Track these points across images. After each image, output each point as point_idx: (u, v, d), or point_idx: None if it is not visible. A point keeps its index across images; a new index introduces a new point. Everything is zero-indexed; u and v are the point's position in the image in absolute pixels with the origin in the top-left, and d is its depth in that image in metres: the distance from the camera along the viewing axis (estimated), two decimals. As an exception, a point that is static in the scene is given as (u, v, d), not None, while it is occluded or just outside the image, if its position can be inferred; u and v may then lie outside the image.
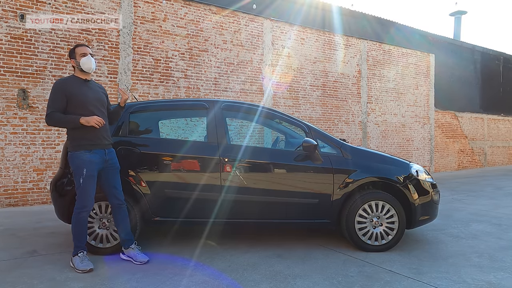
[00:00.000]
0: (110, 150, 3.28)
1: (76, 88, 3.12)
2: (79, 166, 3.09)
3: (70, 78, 3.22)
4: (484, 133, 15.63)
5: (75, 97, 3.09)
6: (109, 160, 3.24)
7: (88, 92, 3.17)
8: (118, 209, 3.30)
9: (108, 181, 3.25)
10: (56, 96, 3.08)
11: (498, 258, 3.49)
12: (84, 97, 3.12)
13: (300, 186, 3.72)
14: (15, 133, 6.23)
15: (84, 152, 3.10)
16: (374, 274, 3.08)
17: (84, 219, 3.16)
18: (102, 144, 3.19)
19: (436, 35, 13.71)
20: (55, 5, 6.55)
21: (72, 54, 3.18)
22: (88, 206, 3.14)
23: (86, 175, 3.08)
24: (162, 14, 7.71)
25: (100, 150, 3.18)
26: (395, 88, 12.22)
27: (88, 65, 3.13)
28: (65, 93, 3.08)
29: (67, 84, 3.12)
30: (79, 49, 3.16)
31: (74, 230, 3.16)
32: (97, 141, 3.15)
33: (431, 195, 3.85)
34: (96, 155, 3.14)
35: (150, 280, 2.93)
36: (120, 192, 3.32)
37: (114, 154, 3.33)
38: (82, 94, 3.12)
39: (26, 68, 6.30)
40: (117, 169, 3.32)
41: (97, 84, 3.40)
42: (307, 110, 10.01)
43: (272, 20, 9.37)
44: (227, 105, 3.99)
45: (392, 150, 11.94)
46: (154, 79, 7.62)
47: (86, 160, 3.09)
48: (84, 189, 3.10)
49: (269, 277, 3.00)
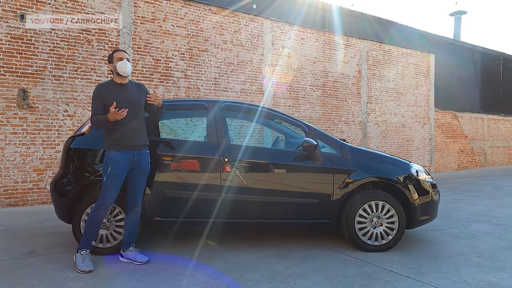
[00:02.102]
0: (141, 151, 3.31)
1: (111, 93, 3.21)
2: (106, 164, 3.19)
3: (106, 83, 3.32)
4: (484, 133, 15.63)
5: (109, 103, 3.16)
6: (137, 161, 3.26)
7: (120, 95, 3.22)
8: (131, 210, 3.33)
9: (133, 181, 3.30)
10: (95, 101, 3.22)
11: (498, 258, 3.49)
12: (117, 101, 3.16)
13: (300, 186, 3.72)
14: (15, 133, 6.23)
15: (113, 152, 3.19)
16: (374, 274, 3.08)
17: (99, 217, 3.19)
18: (131, 145, 3.23)
19: (436, 35, 13.71)
20: (55, 5, 6.55)
21: (111, 59, 3.28)
22: (106, 204, 3.17)
23: (110, 174, 3.14)
24: (162, 14, 7.71)
25: (129, 150, 3.22)
26: (395, 88, 12.22)
27: (124, 68, 3.22)
28: (102, 98, 3.20)
29: (104, 89, 3.23)
30: (116, 54, 3.27)
31: (87, 226, 3.21)
32: (125, 142, 3.20)
33: (431, 195, 3.85)
34: (124, 156, 3.19)
35: (150, 280, 2.93)
36: (140, 194, 3.35)
37: (145, 155, 3.35)
38: (116, 98, 3.17)
39: (26, 68, 6.30)
40: (145, 171, 3.34)
41: (136, 85, 3.42)
42: (307, 110, 10.01)
43: (272, 20, 9.37)
44: (227, 105, 3.99)
45: (392, 150, 11.94)
46: (154, 79, 7.62)
47: (113, 159, 3.17)
48: (106, 187, 3.15)
49: (269, 277, 3.00)
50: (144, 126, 3.39)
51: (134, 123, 3.26)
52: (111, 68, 3.29)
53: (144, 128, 3.38)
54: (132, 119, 3.23)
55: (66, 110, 6.65)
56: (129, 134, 3.22)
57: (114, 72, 3.27)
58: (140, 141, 3.30)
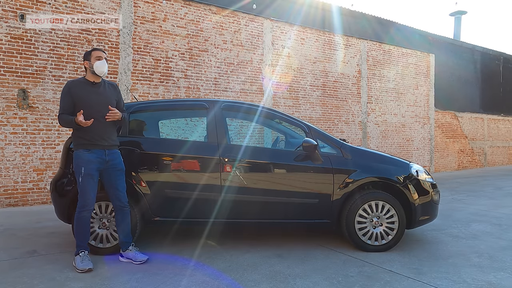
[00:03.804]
0: (112, 151, 3.28)
1: (81, 92, 3.18)
2: (78, 164, 3.15)
3: (78, 80, 3.28)
4: (484, 133, 15.63)
5: (79, 101, 3.16)
6: (110, 161, 3.24)
7: (92, 95, 3.21)
8: (120, 211, 3.31)
9: (110, 182, 3.27)
10: (64, 98, 3.19)
11: (498, 258, 3.49)
12: (87, 100, 3.17)
13: (300, 186, 3.72)
14: (15, 133, 6.23)
15: (82, 151, 3.16)
16: (374, 274, 3.08)
17: (85, 218, 3.17)
18: (101, 144, 3.20)
19: (436, 35, 13.71)
20: (55, 5, 6.55)
21: (88, 56, 3.25)
22: (88, 205, 3.15)
23: (84, 174, 3.12)
24: (162, 14, 7.71)
25: (99, 150, 3.19)
26: (395, 88, 12.22)
27: (101, 68, 3.22)
28: (72, 96, 3.17)
29: (74, 87, 3.20)
30: (95, 52, 3.24)
31: (76, 230, 3.19)
32: (95, 141, 3.18)
33: (431, 195, 3.85)
34: (94, 155, 3.16)
35: (150, 280, 2.93)
36: (123, 194, 3.32)
37: (117, 155, 3.32)
38: (86, 97, 3.17)
39: (26, 68, 6.30)
40: (120, 171, 3.31)
41: (110, 84, 3.40)
42: (307, 110, 10.01)
43: (272, 20, 9.37)
44: (227, 105, 3.99)
45: (392, 150, 11.94)
46: (154, 79, 7.62)
47: (84, 159, 3.14)
48: (83, 187, 3.13)
49: (269, 277, 3.00)
50: (115, 127, 3.36)
51: (105, 124, 3.22)
52: (87, 66, 3.24)
53: (114, 129, 3.35)
54: (102, 119, 3.19)
55: (66, 110, 6.64)
56: (99, 134, 3.19)
57: (89, 70, 3.23)
58: (110, 141, 3.27)
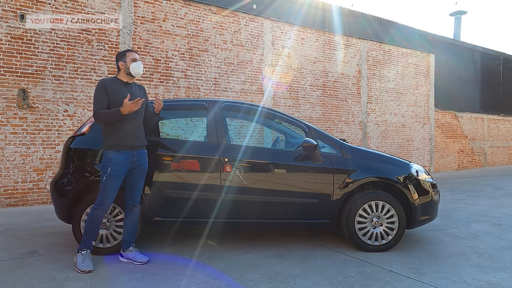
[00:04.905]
0: (139, 151, 3.31)
1: (116, 90, 3.21)
2: (105, 164, 3.18)
3: (111, 79, 3.30)
4: (484, 133, 15.63)
5: (113, 99, 3.18)
6: (136, 161, 3.27)
7: (126, 94, 3.20)
8: (130, 210, 3.34)
9: (132, 181, 3.30)
10: (100, 95, 3.18)
11: (498, 258, 3.50)
12: (122, 99, 3.15)
13: (300, 186, 3.72)
14: (15, 133, 6.23)
15: (112, 152, 3.18)
16: (374, 274, 3.08)
17: (99, 217, 3.19)
18: (131, 145, 3.23)
19: (436, 35, 13.71)
20: (55, 5, 6.55)
21: (123, 57, 3.27)
22: (105, 204, 3.17)
23: (110, 174, 3.14)
24: (162, 14, 7.71)
25: (129, 151, 3.22)
26: (395, 88, 12.22)
27: (138, 70, 3.28)
28: (107, 92, 3.18)
29: (109, 84, 3.22)
30: (130, 53, 3.29)
31: (86, 226, 3.21)
32: (125, 142, 3.20)
33: (431, 195, 3.85)
34: (124, 156, 3.19)
35: (150, 280, 2.93)
36: (139, 194, 3.36)
37: (144, 156, 3.36)
38: (122, 96, 3.17)
39: (26, 68, 6.30)
40: (143, 171, 3.35)
41: (139, 86, 3.46)
42: (307, 110, 10.01)
43: (272, 20, 9.37)
44: (227, 105, 3.99)
45: (392, 150, 11.94)
46: (154, 79, 7.62)
47: (113, 161, 3.16)
48: (105, 187, 3.15)
49: (269, 277, 3.00)
50: (143, 127, 3.41)
51: (135, 124, 3.27)
52: (122, 67, 3.26)
53: (142, 129, 3.39)
54: (134, 119, 3.24)
55: (66, 110, 6.65)
56: (129, 134, 3.22)
57: (124, 70, 3.27)
58: (139, 141, 3.31)
